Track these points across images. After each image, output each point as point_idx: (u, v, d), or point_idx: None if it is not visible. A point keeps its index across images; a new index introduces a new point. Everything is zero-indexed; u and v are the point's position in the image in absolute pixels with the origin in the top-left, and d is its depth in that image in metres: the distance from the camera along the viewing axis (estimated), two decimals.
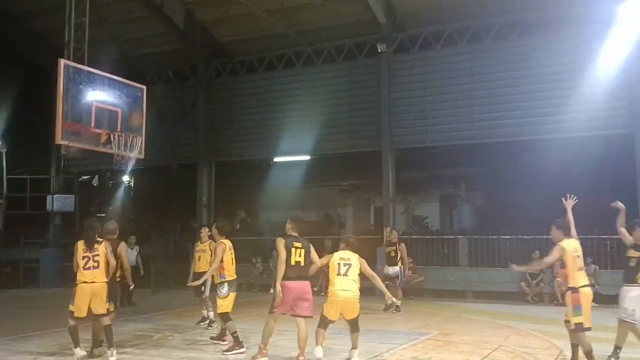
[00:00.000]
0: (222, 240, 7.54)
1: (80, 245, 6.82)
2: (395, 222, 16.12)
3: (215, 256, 7.40)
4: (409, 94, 16.26)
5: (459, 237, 15.83)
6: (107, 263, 6.93)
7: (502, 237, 14.59)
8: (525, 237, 14.06)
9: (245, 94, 18.59)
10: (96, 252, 6.79)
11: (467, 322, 10.62)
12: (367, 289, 7.48)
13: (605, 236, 12.71)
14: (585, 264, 13.51)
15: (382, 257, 13.77)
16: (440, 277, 15.26)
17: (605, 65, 13.67)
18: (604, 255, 13.42)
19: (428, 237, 16.86)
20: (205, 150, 18.79)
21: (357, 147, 16.97)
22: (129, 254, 11.13)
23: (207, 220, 18.46)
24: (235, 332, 7.36)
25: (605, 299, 11.25)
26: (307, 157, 18.42)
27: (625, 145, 14.27)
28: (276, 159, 18.73)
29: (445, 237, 16.59)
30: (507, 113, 15.01)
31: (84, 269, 6.72)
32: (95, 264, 6.75)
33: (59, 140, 10.24)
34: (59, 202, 18.83)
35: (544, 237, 14.34)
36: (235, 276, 7.49)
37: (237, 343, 7.32)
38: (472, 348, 7.81)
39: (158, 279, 16.63)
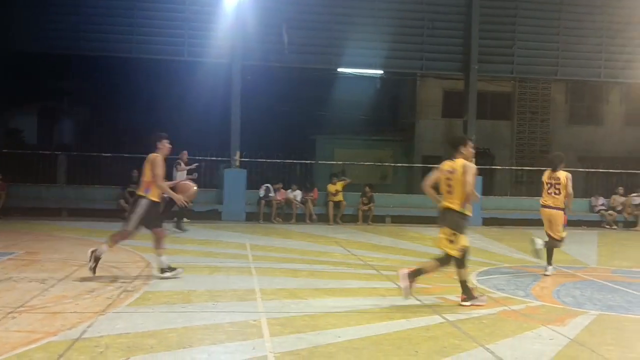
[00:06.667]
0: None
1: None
2: None
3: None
4: None
5: (57, 153, 14.95)
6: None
7: (103, 154, 14.45)
8: (127, 155, 14.25)
9: None
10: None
11: (58, 240, 10.29)
12: None
13: None
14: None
15: None
16: (34, 194, 14.21)
17: None
18: None
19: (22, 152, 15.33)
20: None
21: None
22: None
23: None
24: None
25: None
26: None
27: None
28: None
29: (42, 152, 15.38)
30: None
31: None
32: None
33: None
34: None
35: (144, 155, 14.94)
36: None
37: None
38: (58, 265, 7.65)
39: None
